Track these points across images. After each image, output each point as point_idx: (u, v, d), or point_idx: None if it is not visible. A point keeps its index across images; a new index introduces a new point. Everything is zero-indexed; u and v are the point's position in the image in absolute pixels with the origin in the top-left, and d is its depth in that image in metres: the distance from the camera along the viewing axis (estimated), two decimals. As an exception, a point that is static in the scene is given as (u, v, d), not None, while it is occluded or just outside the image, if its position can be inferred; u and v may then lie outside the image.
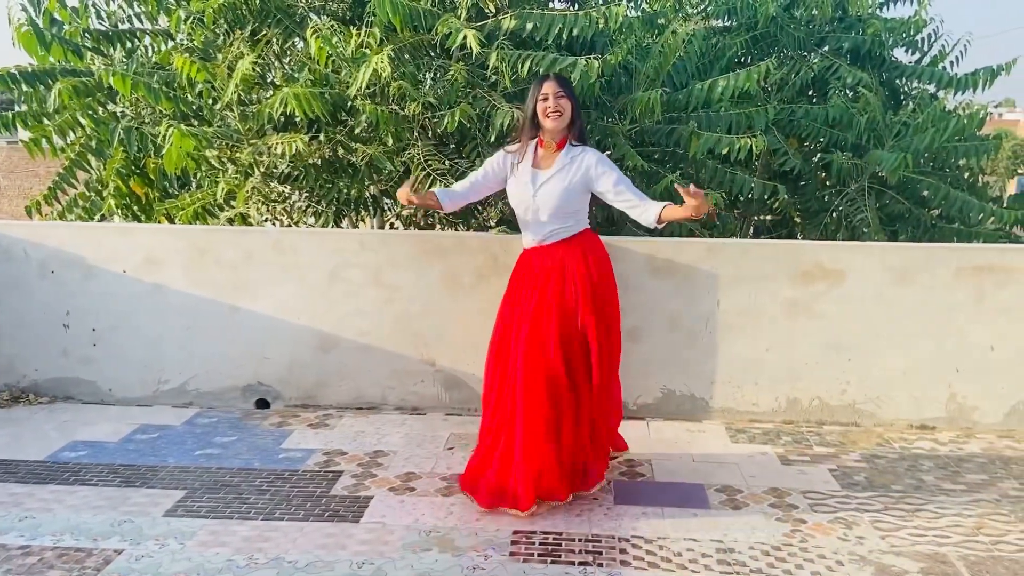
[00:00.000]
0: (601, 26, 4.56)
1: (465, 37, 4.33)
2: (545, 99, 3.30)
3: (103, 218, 5.89)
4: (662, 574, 2.81)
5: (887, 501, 3.40)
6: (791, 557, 2.93)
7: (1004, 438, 4.16)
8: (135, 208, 5.90)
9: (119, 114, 5.62)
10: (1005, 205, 5.97)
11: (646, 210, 3.26)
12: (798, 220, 6.30)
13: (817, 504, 3.36)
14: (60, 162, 5.83)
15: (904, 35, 6.12)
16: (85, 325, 4.45)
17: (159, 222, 5.69)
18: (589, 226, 3.50)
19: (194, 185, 5.84)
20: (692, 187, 3.09)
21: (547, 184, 3.32)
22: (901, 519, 3.24)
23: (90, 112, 5.46)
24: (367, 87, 4.50)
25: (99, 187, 5.94)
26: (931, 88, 6.23)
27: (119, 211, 5.83)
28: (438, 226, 5.86)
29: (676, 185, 3.22)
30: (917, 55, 6.34)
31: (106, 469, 3.64)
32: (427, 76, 4.87)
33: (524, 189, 3.36)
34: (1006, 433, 4.22)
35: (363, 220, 6.05)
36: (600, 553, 2.94)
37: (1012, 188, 24.33)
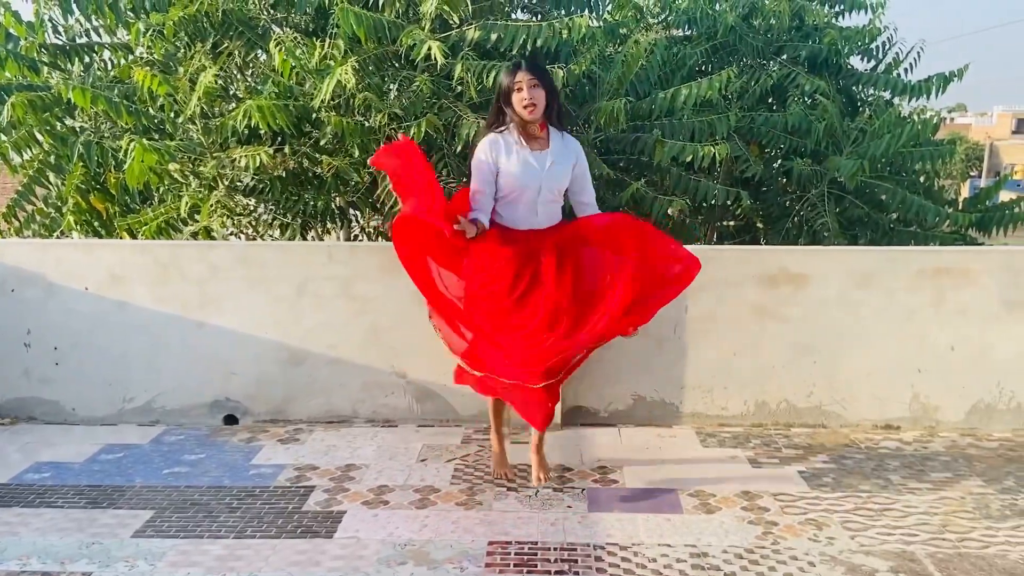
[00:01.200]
0: (564, 37, 4.59)
1: (430, 48, 4.34)
2: (520, 90, 3.25)
3: (62, 235, 5.78)
4: (638, 580, 2.83)
5: (856, 501, 3.46)
6: (764, 559, 2.97)
7: (966, 436, 4.26)
8: (95, 224, 5.80)
9: (78, 129, 5.53)
10: (960, 208, 6.12)
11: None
12: (761, 225, 6.39)
13: (788, 506, 3.41)
14: (15, 176, 5.71)
15: (859, 43, 6.25)
16: (47, 344, 4.36)
17: (121, 238, 5.60)
18: None
19: (156, 200, 5.76)
20: None
21: (554, 165, 3.35)
22: (870, 519, 3.29)
23: (48, 127, 5.36)
24: (332, 99, 4.49)
25: (58, 203, 5.83)
26: (886, 95, 6.38)
27: (79, 227, 5.72)
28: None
29: None
30: (872, 63, 6.48)
31: (72, 490, 3.56)
32: (392, 87, 4.87)
33: (530, 170, 3.31)
34: (968, 431, 4.31)
35: (329, 232, 6.02)
36: (576, 561, 2.95)
37: (965, 191, 24.95)
